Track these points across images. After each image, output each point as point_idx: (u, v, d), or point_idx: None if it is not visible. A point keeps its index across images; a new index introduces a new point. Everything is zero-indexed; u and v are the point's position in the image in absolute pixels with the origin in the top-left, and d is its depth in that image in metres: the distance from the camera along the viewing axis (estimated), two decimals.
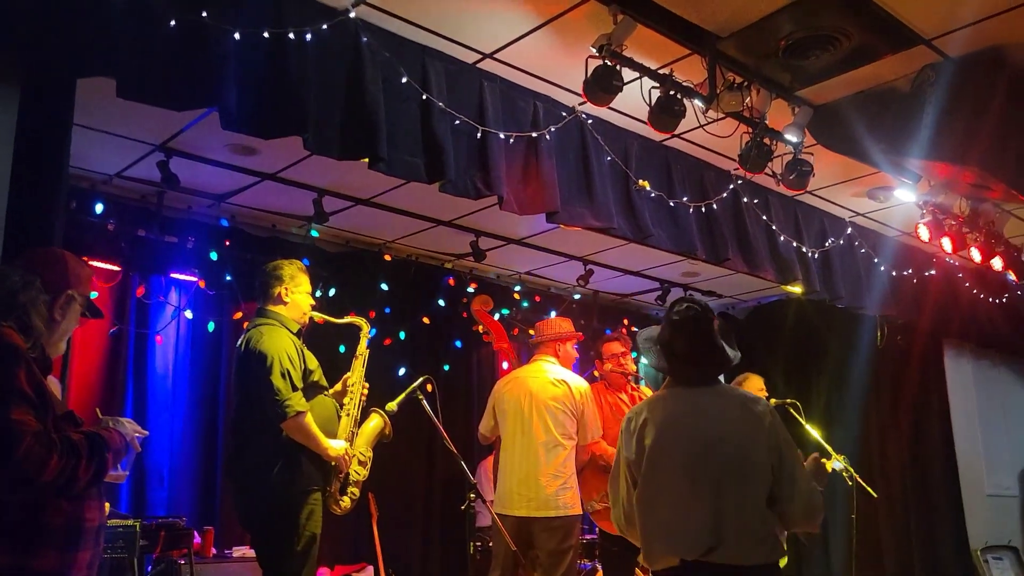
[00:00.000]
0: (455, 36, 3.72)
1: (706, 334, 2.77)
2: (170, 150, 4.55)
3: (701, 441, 2.66)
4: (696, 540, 2.57)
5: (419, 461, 6.36)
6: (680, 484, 2.64)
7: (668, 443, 2.69)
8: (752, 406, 2.73)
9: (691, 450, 2.65)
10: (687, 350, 2.76)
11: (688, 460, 2.65)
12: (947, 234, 5.02)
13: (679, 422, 2.71)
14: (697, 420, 2.70)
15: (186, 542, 4.53)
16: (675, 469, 2.66)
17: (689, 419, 2.71)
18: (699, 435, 2.67)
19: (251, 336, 3.49)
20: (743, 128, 4.09)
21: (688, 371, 2.78)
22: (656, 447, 2.69)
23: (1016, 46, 3.76)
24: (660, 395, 2.86)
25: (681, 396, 2.78)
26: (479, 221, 5.70)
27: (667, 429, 2.71)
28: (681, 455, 2.66)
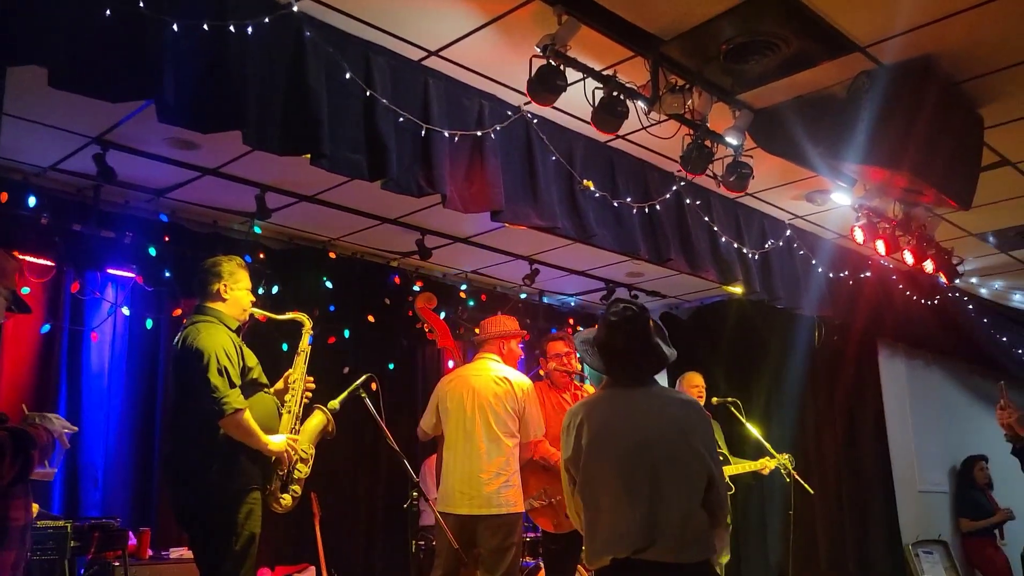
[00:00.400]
0: (400, 33, 3.71)
1: (642, 334, 2.82)
2: (107, 143, 4.45)
3: (636, 441, 2.70)
4: (629, 538, 2.62)
5: (362, 460, 6.31)
6: (615, 483, 2.69)
7: (604, 443, 2.73)
8: (688, 408, 2.80)
9: (626, 449, 2.70)
10: (623, 350, 2.81)
11: (623, 459, 2.69)
12: (881, 237, 5.16)
13: (615, 422, 2.76)
14: (633, 420, 2.75)
15: (120, 543, 4.43)
16: (610, 468, 2.71)
17: (625, 419, 2.76)
18: (634, 435, 2.71)
19: (188, 333, 3.44)
20: (685, 130, 4.16)
21: (625, 371, 2.83)
22: (592, 447, 2.74)
23: (945, 55, 3.88)
24: (597, 395, 2.92)
25: (618, 396, 2.84)
26: (425, 219, 5.69)
27: (603, 429, 2.76)
28: (616, 454, 2.71)
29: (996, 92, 4.23)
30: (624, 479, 2.67)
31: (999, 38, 3.75)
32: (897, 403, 7.54)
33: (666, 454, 2.68)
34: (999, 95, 4.26)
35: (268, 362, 3.79)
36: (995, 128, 4.55)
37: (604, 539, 2.68)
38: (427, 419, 4.70)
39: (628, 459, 2.69)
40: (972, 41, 3.77)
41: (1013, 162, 5.12)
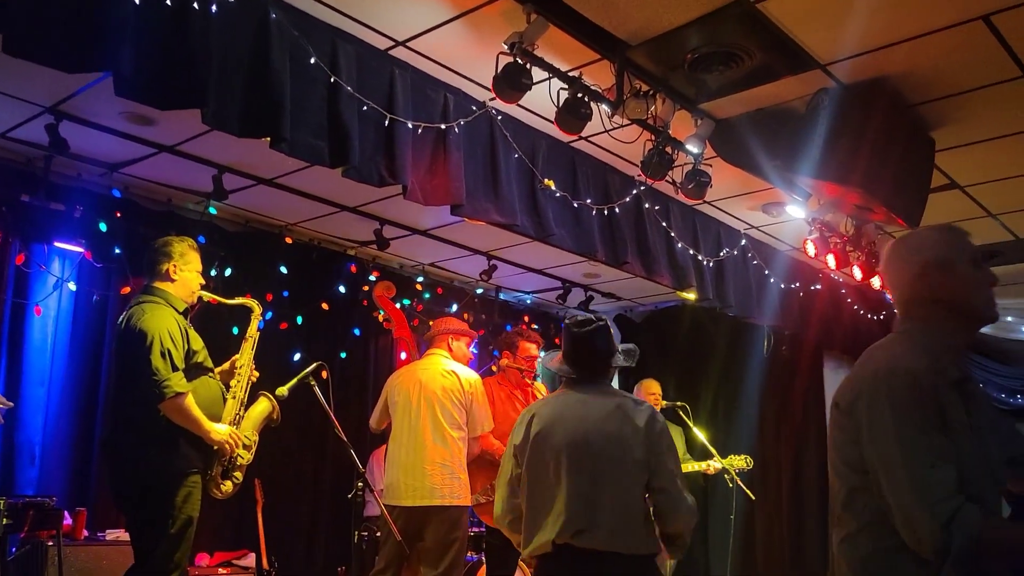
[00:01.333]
0: (368, 21, 3.68)
1: (588, 338, 2.98)
2: (60, 113, 4.34)
3: (580, 432, 2.84)
4: (567, 523, 2.74)
5: (309, 448, 6.27)
6: (558, 472, 2.82)
7: (549, 435, 2.88)
8: (632, 406, 2.91)
9: (570, 441, 2.84)
10: (574, 354, 3.00)
11: (566, 450, 2.83)
12: (832, 251, 5.27)
13: (562, 415, 2.91)
14: (578, 414, 2.89)
15: (55, 523, 4.34)
16: (554, 458, 2.84)
17: (571, 413, 2.90)
18: (579, 427, 2.85)
19: (132, 313, 3.39)
20: (647, 135, 4.19)
21: (575, 372, 3.00)
22: (538, 438, 2.90)
23: (900, 78, 3.97)
24: (553, 394, 3.09)
25: (568, 394, 3.00)
26: (384, 209, 5.66)
27: (551, 422, 2.91)
28: (560, 445, 2.84)
29: (948, 117, 4.34)
30: (566, 468, 2.80)
31: (951, 65, 3.85)
32: None
33: (606, 447, 2.81)
34: (950, 120, 4.37)
35: (218, 346, 3.75)
36: (946, 152, 4.68)
37: (545, 524, 2.80)
38: (375, 414, 4.71)
39: (571, 449, 2.82)
40: (926, 66, 3.86)
41: (961, 185, 5.27)
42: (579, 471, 2.79)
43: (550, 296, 7.79)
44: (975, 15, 3.48)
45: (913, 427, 1.86)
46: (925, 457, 1.84)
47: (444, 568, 4.26)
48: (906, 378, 1.91)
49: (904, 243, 2.16)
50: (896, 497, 1.85)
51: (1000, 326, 8.21)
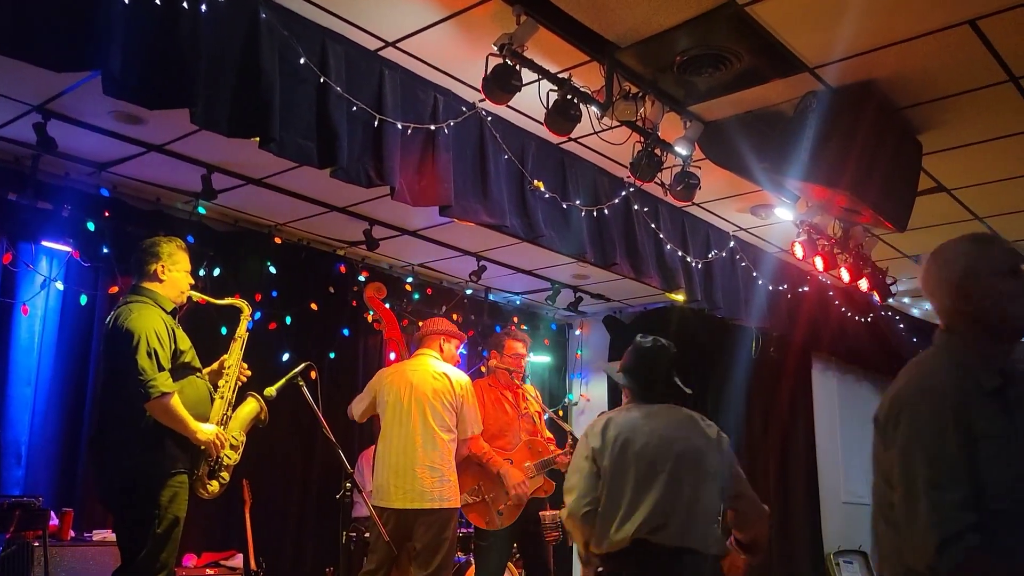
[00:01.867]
0: (358, 21, 3.68)
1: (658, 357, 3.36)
2: (49, 112, 4.32)
3: (660, 441, 3.13)
4: (645, 521, 3.00)
5: (298, 449, 6.25)
6: (638, 476, 3.08)
7: (630, 441, 3.15)
8: (700, 420, 3.27)
9: (651, 448, 3.12)
10: (645, 371, 3.34)
11: (647, 457, 3.10)
12: (820, 253, 5.29)
13: (641, 425, 3.19)
14: (655, 424, 3.18)
15: (41, 523, 4.32)
16: (635, 464, 3.10)
17: (649, 423, 3.19)
18: (658, 436, 3.14)
19: (120, 313, 3.38)
20: (636, 137, 4.21)
21: (644, 388, 3.32)
22: (619, 443, 3.16)
23: (887, 81, 4.00)
24: (625, 406, 3.37)
25: (641, 407, 3.29)
26: (374, 210, 5.66)
27: (631, 430, 3.18)
28: (641, 452, 3.11)
29: (935, 120, 4.37)
30: (645, 474, 3.07)
31: (939, 68, 3.88)
32: (827, 416, 7.75)
33: (685, 454, 3.09)
34: (938, 123, 4.40)
35: (207, 346, 3.74)
36: (933, 155, 4.71)
37: (622, 523, 3.04)
38: (359, 404, 4.69)
39: (652, 458, 3.10)
40: (913, 70, 3.89)
41: (949, 189, 5.30)
42: (659, 476, 3.05)
43: (539, 297, 7.80)
44: (962, 19, 3.50)
45: (924, 449, 1.88)
46: (933, 478, 1.85)
47: (433, 569, 4.26)
48: (930, 396, 1.92)
49: (936, 256, 2.17)
50: (900, 514, 1.88)
51: None
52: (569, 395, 8.62)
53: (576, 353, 8.73)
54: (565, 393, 8.61)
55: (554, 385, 8.56)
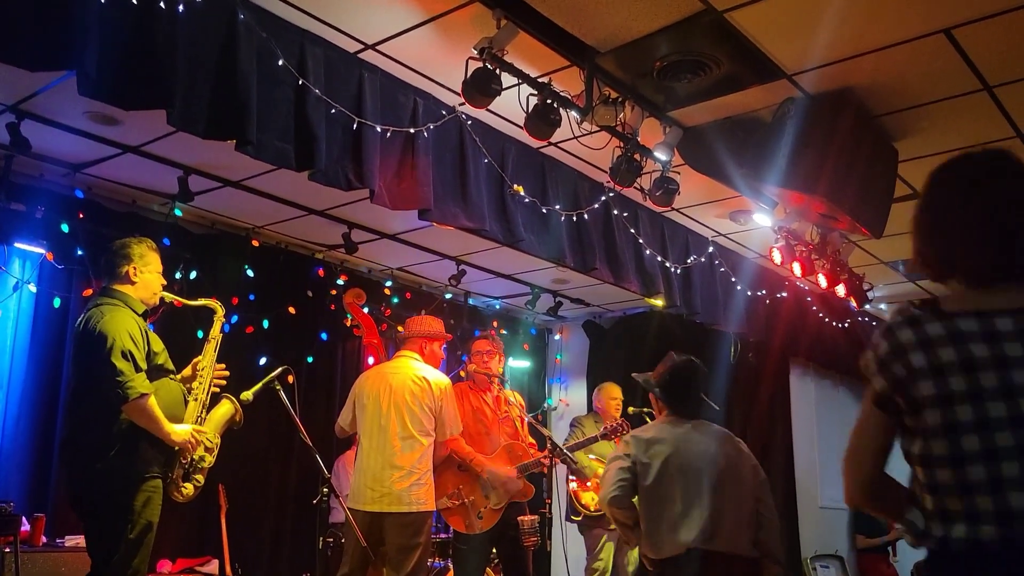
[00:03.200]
0: (337, 23, 3.67)
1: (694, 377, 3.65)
2: (22, 112, 4.27)
3: (702, 454, 3.41)
4: (701, 530, 3.27)
5: (275, 454, 6.20)
6: (686, 487, 3.35)
7: (674, 454, 3.41)
8: (733, 436, 3.59)
9: (695, 460, 3.39)
10: (682, 389, 3.61)
11: (693, 468, 3.37)
12: (798, 259, 5.33)
13: (684, 439, 3.46)
14: (698, 439, 3.47)
15: (12, 529, 4.26)
16: (681, 476, 3.36)
17: (692, 438, 3.47)
18: (700, 450, 3.42)
19: (91, 315, 3.34)
20: (616, 142, 4.22)
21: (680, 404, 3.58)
22: (661, 456, 3.41)
23: (864, 89, 4.04)
24: (662, 420, 3.62)
25: (680, 421, 3.55)
26: (353, 213, 5.63)
27: (674, 444, 3.43)
28: (686, 466, 3.38)
29: (911, 128, 4.42)
30: (693, 484, 3.35)
31: (915, 77, 3.92)
32: (804, 421, 7.79)
33: (724, 466, 3.39)
34: (913, 131, 4.45)
35: (182, 349, 3.70)
36: (909, 162, 4.75)
37: (678, 531, 3.31)
38: (344, 415, 4.67)
39: (696, 468, 3.38)
40: (890, 77, 3.93)
41: None
42: (707, 487, 3.32)
43: (519, 301, 7.80)
44: (937, 28, 3.54)
45: None
46: None
47: (407, 573, 4.23)
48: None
49: None
50: None
51: None
52: (548, 400, 8.61)
53: (556, 358, 8.73)
54: (544, 398, 8.61)
55: (533, 390, 8.55)
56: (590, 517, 5.87)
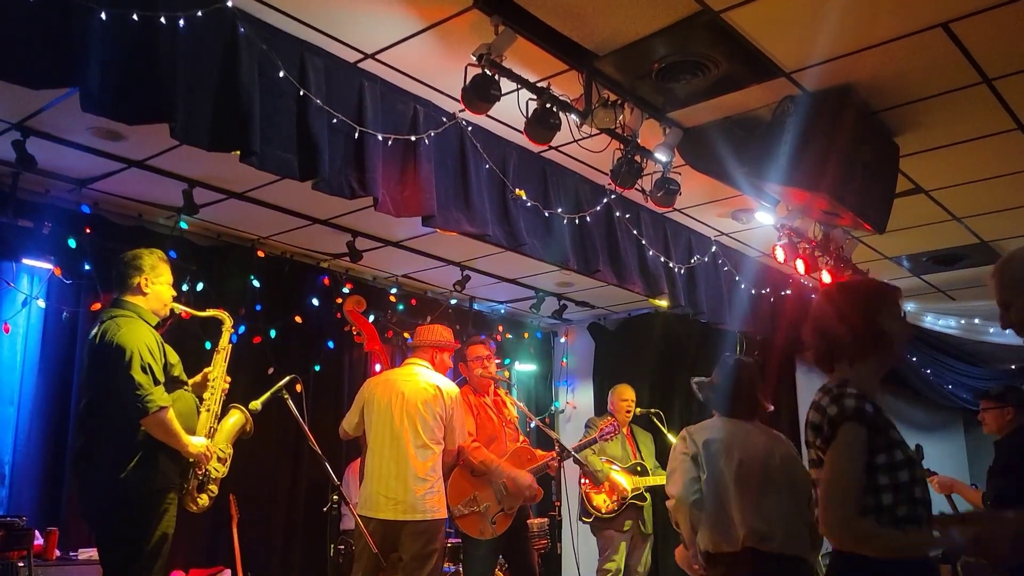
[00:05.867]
0: (337, 34, 3.69)
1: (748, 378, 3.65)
2: (28, 129, 4.31)
3: (756, 454, 3.40)
4: (755, 530, 3.26)
5: (284, 462, 6.23)
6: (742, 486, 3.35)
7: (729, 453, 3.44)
8: (785, 439, 3.59)
9: (749, 460, 3.39)
10: (734, 388, 3.62)
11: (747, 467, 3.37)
12: (801, 257, 5.34)
13: (735, 439, 3.49)
14: (753, 439, 3.49)
15: (26, 543, 4.29)
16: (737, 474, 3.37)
17: (746, 437, 3.49)
18: (753, 450, 3.42)
19: (107, 328, 3.35)
20: (616, 144, 4.23)
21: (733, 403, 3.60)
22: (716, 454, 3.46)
23: (864, 85, 4.05)
24: (715, 420, 3.66)
25: (732, 422, 3.58)
26: (356, 221, 5.66)
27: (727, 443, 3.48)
28: (742, 464, 3.39)
29: (911, 122, 4.42)
30: (748, 486, 3.34)
31: (914, 71, 3.93)
32: None
33: (783, 469, 3.38)
34: (914, 125, 4.45)
35: (191, 360, 3.72)
36: (910, 157, 4.76)
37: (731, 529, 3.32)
38: (350, 419, 4.68)
39: (749, 471, 3.37)
40: (889, 73, 3.94)
41: (926, 190, 5.36)
42: (762, 487, 3.32)
43: (524, 305, 7.81)
44: (934, 22, 3.55)
45: None
46: None
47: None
48: None
49: None
50: None
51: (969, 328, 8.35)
52: (555, 403, 8.62)
53: (562, 361, 8.74)
54: (551, 401, 8.62)
55: (540, 393, 8.57)
56: (602, 519, 5.88)
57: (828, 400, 2.28)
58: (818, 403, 2.32)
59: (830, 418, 2.25)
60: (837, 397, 2.27)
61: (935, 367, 8.85)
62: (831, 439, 2.23)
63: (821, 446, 2.27)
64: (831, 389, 2.31)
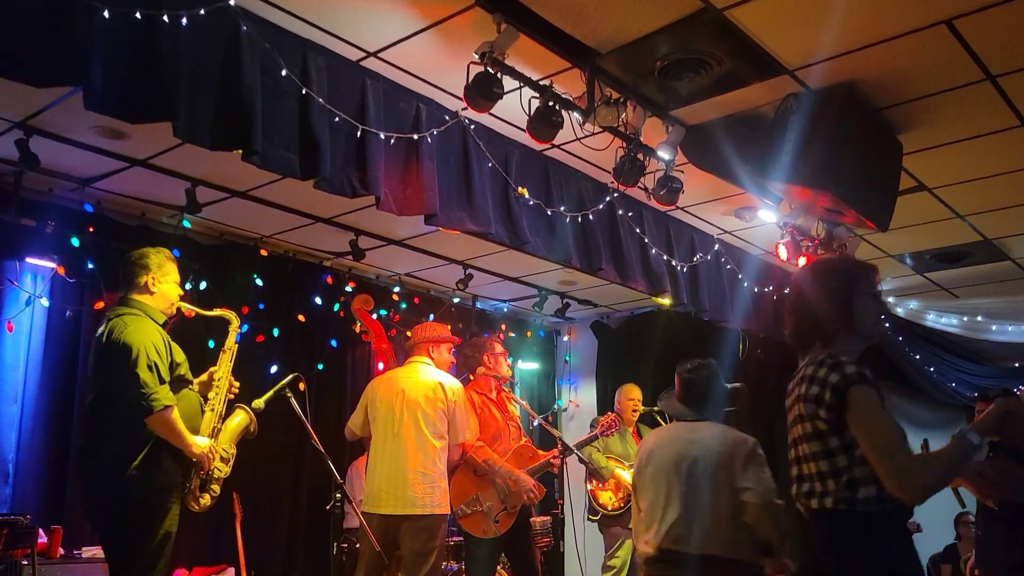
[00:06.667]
0: (339, 32, 3.69)
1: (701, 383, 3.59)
2: (31, 128, 4.31)
3: (677, 454, 3.41)
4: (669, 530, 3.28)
5: (288, 461, 6.24)
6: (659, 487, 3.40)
7: (654, 456, 3.51)
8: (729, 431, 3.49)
9: (669, 461, 3.41)
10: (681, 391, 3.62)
11: (666, 468, 3.40)
12: (804, 254, 5.33)
13: (666, 441, 3.54)
14: (679, 439, 3.48)
15: (30, 541, 4.30)
16: (655, 475, 3.43)
17: (673, 438, 3.51)
18: (676, 450, 3.42)
19: (114, 326, 3.35)
20: (618, 143, 4.23)
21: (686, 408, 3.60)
22: (645, 458, 3.55)
23: (867, 82, 4.04)
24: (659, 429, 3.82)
25: (677, 425, 3.63)
26: (359, 220, 5.66)
27: (657, 445, 3.55)
28: (661, 465, 3.44)
29: (915, 120, 4.41)
30: (666, 487, 3.36)
31: (918, 68, 3.92)
32: None
33: (699, 468, 3.32)
34: (917, 123, 4.44)
35: (195, 358, 3.72)
36: (913, 154, 4.75)
37: (649, 531, 3.35)
38: (355, 419, 4.70)
39: (668, 472, 3.39)
40: (892, 70, 3.93)
41: (930, 188, 5.35)
42: (677, 487, 3.32)
43: (527, 303, 7.81)
44: (937, 19, 3.54)
45: None
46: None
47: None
48: None
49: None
50: None
51: (971, 326, 8.34)
52: (558, 401, 8.63)
53: (564, 359, 8.74)
54: (554, 399, 8.62)
55: (543, 391, 8.57)
56: (608, 516, 5.89)
57: (825, 370, 2.29)
58: (811, 376, 2.32)
59: (833, 385, 2.25)
60: (835, 365, 2.28)
61: (938, 365, 8.83)
62: (840, 405, 2.24)
63: (827, 417, 2.27)
64: (823, 360, 2.32)
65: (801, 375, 2.40)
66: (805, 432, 2.37)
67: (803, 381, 2.37)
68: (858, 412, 2.23)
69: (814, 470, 2.33)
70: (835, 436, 2.28)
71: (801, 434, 2.39)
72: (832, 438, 2.29)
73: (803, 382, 2.36)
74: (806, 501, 2.36)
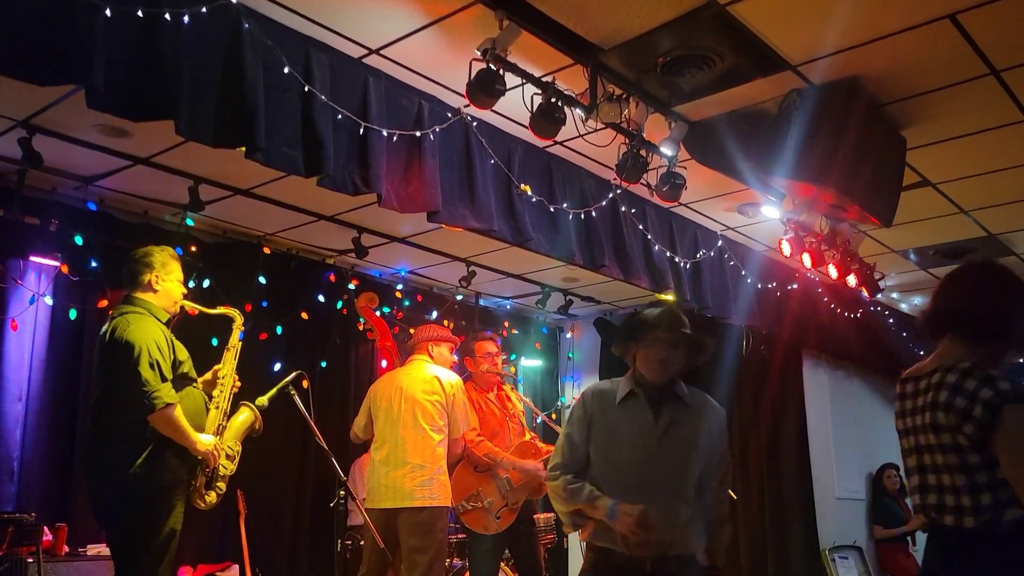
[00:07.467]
0: (341, 29, 3.69)
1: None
2: (34, 127, 4.31)
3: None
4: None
5: (291, 458, 6.24)
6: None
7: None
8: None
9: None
10: None
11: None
12: (807, 251, 5.31)
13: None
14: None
15: (35, 539, 4.30)
16: None
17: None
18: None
19: (116, 324, 3.36)
20: (621, 139, 4.22)
21: None
22: None
23: (871, 77, 4.03)
24: None
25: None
26: (362, 217, 5.66)
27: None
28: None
29: (918, 115, 4.40)
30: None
31: (921, 63, 3.91)
32: (819, 412, 7.77)
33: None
34: (921, 118, 4.43)
35: (198, 356, 3.73)
36: (917, 149, 4.74)
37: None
38: (359, 421, 4.72)
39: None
40: (896, 65, 3.92)
41: (933, 183, 5.34)
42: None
43: (530, 301, 7.81)
44: (941, 14, 3.53)
45: None
46: None
47: (421, 572, 4.25)
48: None
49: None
50: None
51: None
52: (562, 398, 8.62)
53: (568, 356, 8.74)
54: (558, 396, 8.62)
55: (547, 388, 8.57)
56: None
57: (975, 382, 2.20)
58: (955, 385, 2.23)
59: (985, 401, 2.17)
60: (988, 379, 2.19)
61: None
62: (992, 424, 2.16)
63: (973, 432, 2.19)
64: (969, 370, 2.23)
65: (937, 380, 2.29)
66: (941, 443, 2.27)
67: (941, 388, 2.27)
68: (1010, 433, 2.13)
69: (947, 483, 2.25)
70: (976, 452, 2.21)
71: (933, 443, 2.29)
72: (973, 454, 2.21)
73: (942, 388, 2.26)
74: (938, 516, 2.27)
